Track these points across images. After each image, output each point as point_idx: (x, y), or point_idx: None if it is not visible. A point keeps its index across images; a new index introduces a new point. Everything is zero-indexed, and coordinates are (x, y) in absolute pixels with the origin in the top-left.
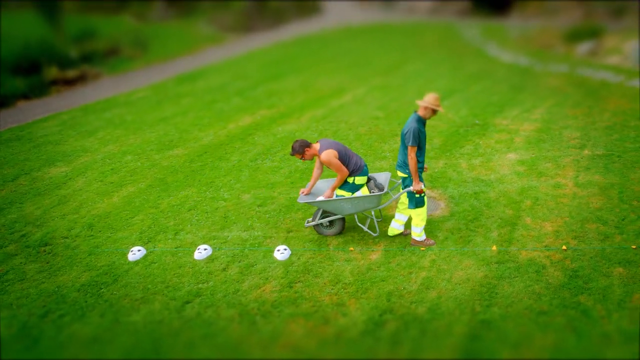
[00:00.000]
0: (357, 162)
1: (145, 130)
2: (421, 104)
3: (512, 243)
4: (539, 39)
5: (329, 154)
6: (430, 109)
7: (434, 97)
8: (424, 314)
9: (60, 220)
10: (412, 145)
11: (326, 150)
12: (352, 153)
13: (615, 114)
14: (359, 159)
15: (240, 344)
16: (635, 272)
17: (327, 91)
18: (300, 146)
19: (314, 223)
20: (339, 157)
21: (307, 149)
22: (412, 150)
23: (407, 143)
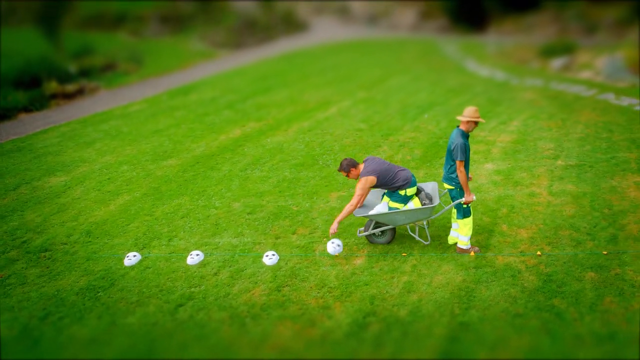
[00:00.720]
0: (404, 176)
1: (140, 141)
2: (463, 119)
3: (489, 249)
4: (515, 54)
5: (367, 181)
6: (473, 122)
7: (474, 110)
8: (406, 316)
9: (59, 227)
10: (460, 159)
11: (366, 176)
12: (397, 169)
13: (587, 126)
14: (406, 172)
15: (231, 345)
16: (606, 276)
17: (314, 104)
18: (347, 165)
19: (366, 233)
20: (379, 181)
21: (353, 169)
22: (460, 164)
23: (455, 158)
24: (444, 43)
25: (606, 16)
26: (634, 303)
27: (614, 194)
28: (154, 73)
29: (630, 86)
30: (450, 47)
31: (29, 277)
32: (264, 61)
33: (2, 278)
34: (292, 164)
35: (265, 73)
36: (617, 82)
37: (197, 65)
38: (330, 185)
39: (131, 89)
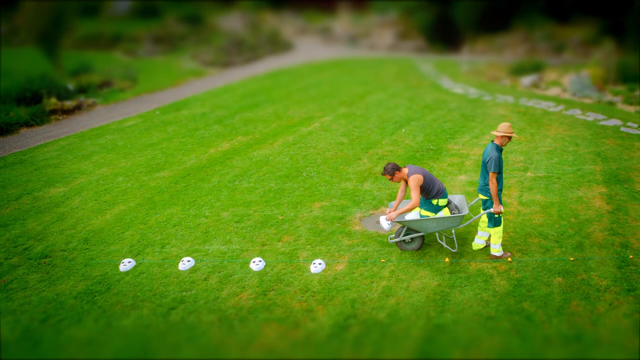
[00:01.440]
0: (439, 186)
1: (135, 154)
2: (497, 134)
3: (463, 255)
4: (487, 72)
5: (416, 178)
6: (507, 136)
7: (508, 126)
8: (384, 319)
9: (59, 235)
10: (493, 171)
11: (414, 174)
12: (435, 179)
13: (555, 139)
14: (441, 184)
15: (220, 345)
16: (572, 281)
17: (298, 119)
18: (392, 168)
19: (397, 240)
20: (425, 182)
21: (397, 172)
22: (493, 176)
23: (489, 170)
24: (420, 62)
25: (573, 37)
26: (599, 306)
27: (580, 204)
28: (147, 90)
29: (596, 102)
30: (426, 65)
31: (30, 282)
32: (251, 79)
33: (4, 283)
34: (277, 176)
35: (252, 90)
36: (583, 98)
37: (188, 82)
38: (313, 196)
39: (126, 105)
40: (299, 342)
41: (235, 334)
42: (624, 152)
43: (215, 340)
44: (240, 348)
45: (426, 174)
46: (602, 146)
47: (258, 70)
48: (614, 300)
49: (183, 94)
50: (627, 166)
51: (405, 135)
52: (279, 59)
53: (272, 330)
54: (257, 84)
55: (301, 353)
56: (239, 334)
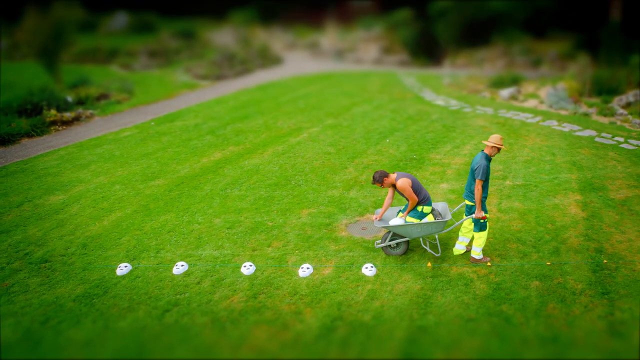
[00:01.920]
0: (425, 194)
1: (131, 163)
2: (488, 144)
3: (445, 260)
4: (468, 85)
5: (404, 182)
6: (496, 147)
7: (499, 138)
8: (369, 320)
9: (58, 240)
10: (480, 179)
11: (402, 178)
12: (422, 186)
13: (532, 149)
14: (426, 192)
15: (213, 346)
16: (549, 285)
17: (287, 130)
18: (380, 176)
19: (383, 244)
20: (412, 187)
21: (386, 178)
22: (479, 183)
23: (476, 177)
24: (404, 75)
25: (549, 51)
26: (575, 309)
27: (557, 211)
28: (143, 102)
29: (571, 114)
30: (409, 78)
31: (31, 286)
32: (242, 91)
33: (6, 286)
34: (267, 184)
35: (243, 102)
36: (559, 110)
37: (182, 95)
38: (301, 203)
39: (122, 116)
40: (288, 343)
41: (227, 335)
42: (598, 161)
43: (208, 341)
44: (231, 349)
45: (414, 180)
46: (577, 156)
47: (249, 83)
48: (589, 303)
49: (177, 105)
50: (601, 175)
51: (389, 145)
52: (268, 73)
53: (262, 332)
54: (248, 96)
55: (290, 353)
56: (230, 335)
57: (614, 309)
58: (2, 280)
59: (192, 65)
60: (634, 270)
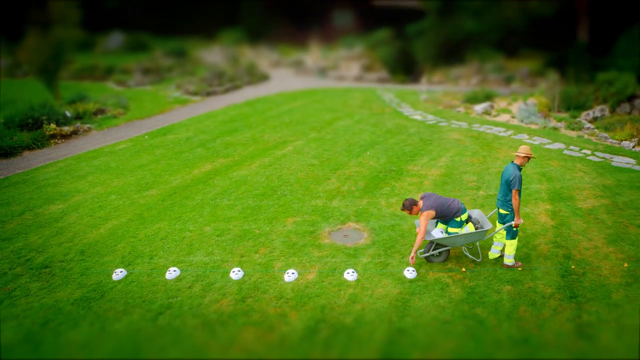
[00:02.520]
0: (457, 206)
1: (126, 175)
2: (520, 154)
3: (422, 266)
4: (444, 101)
5: (427, 215)
6: (527, 157)
7: (528, 148)
8: (351, 323)
9: (57, 247)
10: (517, 188)
11: (427, 210)
12: (450, 201)
13: (505, 161)
14: (457, 203)
15: (203, 347)
16: (520, 289)
17: (273, 143)
18: (410, 204)
19: (427, 254)
20: (437, 214)
21: (415, 206)
22: (516, 192)
23: (512, 187)
24: (383, 91)
25: (521, 68)
26: (544, 312)
27: (527, 219)
28: (137, 117)
29: (541, 128)
30: (388, 94)
31: (32, 290)
32: (231, 107)
33: (9, 290)
34: (254, 194)
35: (231, 117)
36: (530, 124)
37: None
38: (286, 212)
39: (118, 130)
40: (274, 344)
41: (217, 336)
42: (566, 172)
43: (198, 342)
44: (221, 349)
45: (438, 206)
46: (547, 167)
47: (237, 99)
48: (558, 306)
49: (169, 120)
50: (569, 185)
51: (369, 157)
52: (255, 89)
53: (250, 333)
54: (236, 111)
55: (276, 354)
56: (220, 336)
57: (582, 312)
58: (4, 285)
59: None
60: (600, 276)
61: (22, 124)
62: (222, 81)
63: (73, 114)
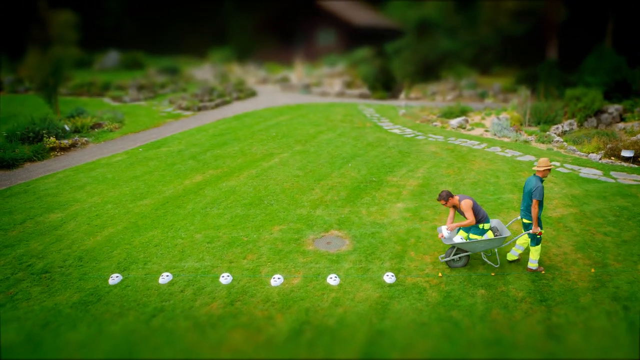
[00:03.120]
0: (483, 213)
1: (121, 185)
2: (539, 169)
3: (400, 271)
4: (421, 115)
5: (467, 203)
6: (548, 169)
7: (547, 160)
8: (334, 325)
9: (57, 253)
10: (538, 199)
11: (465, 199)
12: (480, 207)
13: (479, 173)
14: (484, 211)
15: (195, 347)
16: (493, 293)
17: (260, 156)
18: (447, 195)
19: (447, 259)
20: (473, 207)
21: (451, 198)
22: (537, 203)
23: (534, 197)
24: (364, 106)
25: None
26: (516, 314)
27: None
28: (132, 130)
29: (513, 141)
30: (369, 109)
31: (33, 294)
32: (221, 121)
33: (11, 294)
34: (242, 204)
35: (221, 131)
36: (502, 137)
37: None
38: (273, 220)
39: (114, 143)
40: (261, 345)
41: (207, 337)
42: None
43: (190, 343)
44: (211, 349)
45: (474, 201)
46: (518, 178)
47: (226, 113)
48: (528, 309)
49: (162, 134)
50: None
51: (351, 169)
52: (244, 104)
53: (238, 335)
54: (226, 125)
55: (263, 354)
56: (210, 337)
57: (551, 314)
58: (7, 289)
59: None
60: (569, 280)
61: (23, 137)
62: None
63: (72, 128)
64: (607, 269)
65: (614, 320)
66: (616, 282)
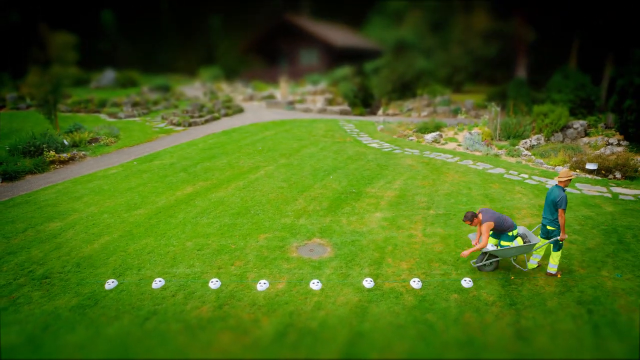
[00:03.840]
0: (509, 222)
1: (117, 196)
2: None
3: (379, 276)
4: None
5: (488, 225)
6: (569, 179)
7: (567, 170)
8: (316, 327)
9: (56, 260)
10: (563, 208)
11: (486, 222)
12: (504, 217)
13: (452, 184)
14: (510, 220)
15: (186, 348)
16: (466, 297)
17: (247, 168)
18: (471, 216)
19: (480, 264)
20: (496, 226)
21: (475, 218)
22: (563, 211)
23: (559, 207)
24: (345, 122)
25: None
26: (487, 317)
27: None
28: (127, 145)
29: (484, 155)
30: (349, 125)
31: (34, 298)
32: (210, 136)
33: (13, 299)
34: (230, 213)
35: (210, 145)
36: (474, 151)
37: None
38: (259, 229)
39: (110, 157)
40: (248, 346)
41: (197, 339)
42: (506, 194)
43: (181, 344)
44: (201, 350)
45: (496, 219)
46: (489, 189)
47: (215, 129)
48: (499, 313)
49: (155, 148)
50: (509, 205)
51: (332, 181)
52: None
53: (226, 336)
54: (215, 140)
55: (250, 354)
56: (200, 339)
57: (520, 317)
58: (9, 293)
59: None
60: (537, 285)
61: (25, 151)
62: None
63: (70, 142)
64: (573, 274)
65: (579, 323)
66: (581, 287)
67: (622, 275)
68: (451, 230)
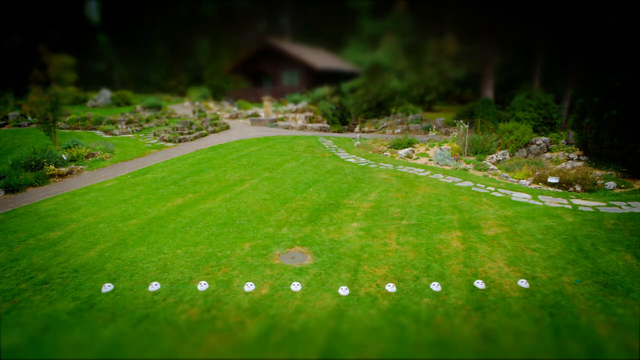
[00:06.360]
0: None
1: (112, 207)
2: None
3: (355, 282)
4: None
5: None
6: None
7: None
8: (297, 329)
9: (56, 267)
10: None
11: None
12: None
13: (423, 197)
14: None
15: (175, 349)
16: (436, 301)
17: (233, 181)
18: None
19: None
20: None
21: None
22: None
23: None
24: (324, 139)
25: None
26: (456, 320)
27: (442, 244)
28: (121, 159)
29: (454, 169)
30: (327, 141)
31: (35, 302)
32: (198, 151)
33: (15, 303)
34: (218, 223)
35: (199, 160)
36: (444, 166)
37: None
38: (244, 238)
39: (105, 170)
40: (234, 346)
41: (187, 340)
42: (474, 205)
43: (172, 345)
44: (190, 350)
45: None
46: (458, 201)
47: (203, 145)
48: (467, 316)
49: (148, 162)
50: (477, 216)
51: (312, 193)
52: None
53: (214, 338)
54: (203, 155)
55: (236, 354)
56: (189, 340)
57: (486, 320)
58: (12, 297)
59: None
60: (502, 290)
61: (26, 166)
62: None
63: (69, 157)
64: (536, 280)
65: (542, 325)
66: (543, 291)
67: (582, 281)
68: (422, 239)
